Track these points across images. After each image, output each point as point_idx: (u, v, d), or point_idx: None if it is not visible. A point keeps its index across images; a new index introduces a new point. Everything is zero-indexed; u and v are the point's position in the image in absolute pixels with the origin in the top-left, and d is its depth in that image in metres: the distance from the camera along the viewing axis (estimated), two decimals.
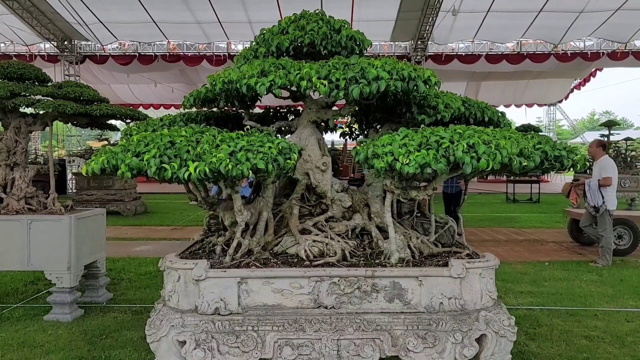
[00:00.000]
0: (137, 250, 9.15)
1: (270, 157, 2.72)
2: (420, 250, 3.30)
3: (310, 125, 3.63)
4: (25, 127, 5.88)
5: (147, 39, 19.86)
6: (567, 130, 46.42)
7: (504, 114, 3.85)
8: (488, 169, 2.65)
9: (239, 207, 3.06)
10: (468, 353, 2.89)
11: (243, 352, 2.86)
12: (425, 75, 3.06)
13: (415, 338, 2.87)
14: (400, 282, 2.93)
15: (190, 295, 2.96)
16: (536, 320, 5.33)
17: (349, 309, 2.92)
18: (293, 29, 3.55)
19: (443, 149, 2.66)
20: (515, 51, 20.14)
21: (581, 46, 19.93)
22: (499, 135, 2.76)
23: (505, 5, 16.90)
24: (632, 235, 8.77)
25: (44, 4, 17.34)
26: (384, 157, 2.70)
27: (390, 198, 3.14)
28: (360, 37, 3.69)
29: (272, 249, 3.32)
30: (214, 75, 3.29)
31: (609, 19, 17.81)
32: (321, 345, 2.86)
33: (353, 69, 2.98)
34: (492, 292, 3.02)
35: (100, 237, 6.09)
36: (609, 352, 4.59)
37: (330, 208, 3.59)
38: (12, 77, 5.83)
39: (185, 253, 3.37)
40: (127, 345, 4.62)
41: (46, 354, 4.47)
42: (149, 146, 2.73)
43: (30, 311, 5.68)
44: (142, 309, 5.69)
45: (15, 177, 5.70)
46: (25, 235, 5.36)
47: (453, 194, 8.92)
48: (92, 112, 5.89)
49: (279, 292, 2.92)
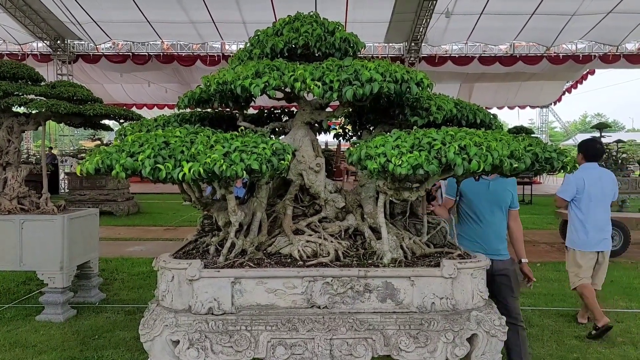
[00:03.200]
0: (130, 251, 9.14)
1: (264, 158, 2.74)
2: (413, 251, 3.32)
3: (304, 127, 3.65)
4: (18, 126, 5.86)
5: (140, 38, 19.81)
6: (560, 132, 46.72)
7: (496, 116, 3.89)
8: (479, 171, 2.67)
9: (232, 207, 3.07)
10: (459, 352, 2.91)
11: (236, 351, 2.87)
12: (418, 78, 3.08)
13: (407, 338, 2.89)
14: (393, 282, 2.95)
15: (184, 295, 2.97)
16: (528, 320, 5.37)
17: (342, 309, 2.94)
18: (287, 30, 3.57)
19: (435, 150, 2.68)
20: (508, 53, 20.29)
21: (573, 49, 20.10)
22: (490, 137, 2.79)
23: (499, 7, 17.02)
24: (622, 236, 8.86)
25: (37, 3, 17.26)
26: (377, 159, 2.72)
27: (383, 199, 3.16)
28: (354, 39, 3.71)
29: (266, 249, 3.34)
30: (209, 76, 3.30)
31: (601, 22, 17.97)
32: (314, 345, 2.88)
33: (347, 71, 3.00)
34: (483, 292, 3.05)
35: (93, 237, 6.08)
36: (599, 352, 4.64)
37: (324, 209, 3.61)
38: (5, 77, 5.81)
39: (179, 253, 3.37)
40: (119, 346, 4.63)
41: (38, 354, 4.46)
42: (143, 146, 2.74)
43: (23, 311, 5.66)
44: (135, 309, 5.69)
45: (7, 176, 5.68)
46: (17, 235, 5.35)
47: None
48: (86, 112, 5.88)
49: (272, 292, 2.94)
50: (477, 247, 3.86)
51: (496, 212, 3.92)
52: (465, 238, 3.98)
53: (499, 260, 3.86)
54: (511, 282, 3.90)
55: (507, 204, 3.97)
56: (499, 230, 3.94)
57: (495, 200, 3.91)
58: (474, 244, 3.89)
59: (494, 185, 3.90)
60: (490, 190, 3.89)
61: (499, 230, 3.94)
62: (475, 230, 3.94)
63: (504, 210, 3.96)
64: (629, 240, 8.88)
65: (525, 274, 3.99)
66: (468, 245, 3.84)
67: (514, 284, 3.92)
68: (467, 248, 3.78)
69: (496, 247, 3.88)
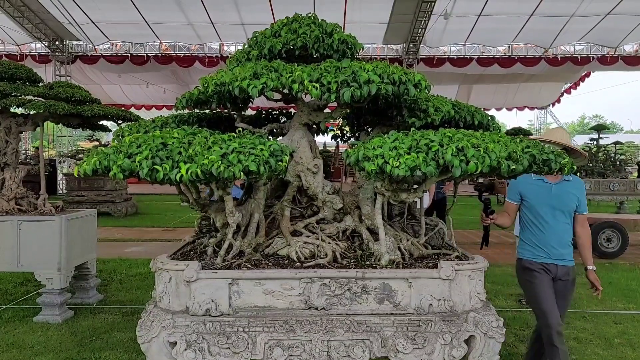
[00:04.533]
0: (128, 252, 9.12)
1: (262, 159, 2.74)
2: (411, 252, 3.32)
3: (302, 128, 3.65)
4: (15, 127, 5.85)
5: (139, 39, 19.82)
6: None
7: (494, 117, 3.89)
8: (477, 172, 2.68)
9: (230, 208, 3.07)
10: (457, 354, 2.91)
11: (234, 353, 2.87)
12: (416, 79, 3.09)
13: (405, 339, 2.89)
14: (390, 283, 2.95)
15: (182, 296, 2.97)
16: (525, 322, 5.38)
17: (339, 310, 2.94)
18: (285, 32, 3.57)
19: (433, 152, 2.68)
20: (507, 55, 20.34)
21: (571, 50, 20.16)
22: (488, 139, 2.79)
23: (497, 9, 17.06)
24: (620, 238, 8.87)
25: (35, 4, 17.25)
26: (375, 160, 2.73)
27: (380, 200, 3.16)
28: (352, 40, 3.71)
29: (264, 251, 3.34)
30: (207, 77, 3.30)
31: (599, 24, 18.02)
32: (311, 347, 2.88)
33: (345, 72, 3.00)
34: (481, 293, 3.06)
35: (91, 238, 6.07)
36: (597, 353, 4.64)
37: (322, 210, 3.61)
38: (3, 77, 5.81)
39: (177, 254, 3.37)
40: (117, 347, 4.62)
41: (36, 356, 4.45)
42: (141, 147, 2.74)
43: (20, 312, 5.65)
44: (132, 310, 5.67)
45: (5, 177, 5.67)
46: (15, 236, 5.33)
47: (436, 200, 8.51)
48: (84, 113, 5.88)
49: (270, 293, 2.94)
50: (540, 252, 3.71)
51: (559, 217, 3.69)
52: (526, 244, 3.81)
53: (563, 266, 3.68)
54: (568, 290, 3.74)
55: (572, 209, 3.71)
56: (561, 236, 3.70)
57: (558, 205, 3.68)
58: (535, 249, 3.72)
59: (557, 189, 3.68)
60: (553, 194, 3.67)
61: (562, 236, 3.71)
62: (537, 236, 3.73)
63: (567, 215, 3.71)
64: (627, 242, 8.89)
65: (592, 282, 3.78)
66: (530, 251, 3.74)
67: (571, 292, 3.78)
68: (529, 255, 3.73)
69: (559, 253, 3.69)
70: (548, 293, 3.62)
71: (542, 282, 3.66)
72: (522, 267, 3.80)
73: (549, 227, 3.69)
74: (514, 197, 3.86)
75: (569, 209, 3.71)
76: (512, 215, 3.90)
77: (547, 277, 3.67)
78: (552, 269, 3.67)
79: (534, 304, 3.71)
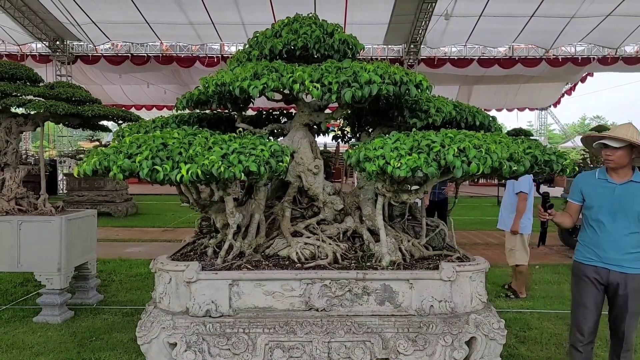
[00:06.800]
0: (128, 252, 9.11)
1: (262, 160, 2.73)
2: (411, 253, 3.32)
3: (302, 128, 3.64)
4: (16, 127, 5.85)
5: (139, 39, 19.81)
6: (558, 134, 46.73)
7: (495, 118, 3.88)
8: (478, 173, 2.67)
9: (230, 209, 3.06)
10: (458, 356, 2.90)
11: (234, 354, 2.86)
12: (417, 80, 3.08)
13: (406, 341, 2.88)
14: (391, 284, 2.94)
15: (182, 297, 2.96)
16: (526, 323, 5.36)
17: (340, 312, 2.93)
18: (286, 32, 3.57)
19: (434, 152, 2.68)
20: (507, 55, 20.32)
21: (572, 51, 20.14)
22: (489, 140, 2.79)
23: (498, 10, 17.04)
24: None
25: (36, 4, 17.25)
26: (376, 161, 2.72)
27: (381, 201, 3.16)
28: (353, 40, 3.70)
29: (264, 252, 3.33)
30: (207, 78, 3.29)
31: (600, 25, 18.01)
32: (312, 348, 2.87)
33: (345, 73, 2.99)
34: (482, 295, 3.05)
35: (91, 238, 6.06)
36: (597, 355, 4.63)
37: (322, 211, 3.60)
38: (3, 77, 5.81)
39: (177, 255, 3.36)
40: (117, 347, 4.61)
41: (35, 356, 4.44)
42: (141, 148, 2.73)
43: (20, 313, 5.64)
44: (132, 311, 5.66)
45: (5, 177, 5.66)
46: (15, 236, 5.32)
47: (438, 201, 8.47)
48: (84, 113, 5.87)
49: (270, 294, 2.93)
50: (590, 254, 3.50)
51: (620, 220, 3.39)
52: (580, 244, 3.60)
53: (619, 273, 3.39)
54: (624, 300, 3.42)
55: (638, 212, 3.37)
56: (619, 240, 3.40)
57: (620, 207, 3.38)
58: (586, 251, 3.53)
59: (621, 190, 3.39)
60: (616, 195, 3.39)
61: (620, 240, 3.40)
62: (592, 238, 3.50)
63: (631, 219, 3.37)
64: None
65: None
66: (581, 252, 3.57)
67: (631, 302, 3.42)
68: (579, 256, 3.58)
69: (613, 258, 3.41)
70: (585, 305, 3.48)
71: (584, 292, 3.51)
72: (573, 268, 3.66)
73: (605, 229, 3.44)
74: (575, 197, 3.63)
75: (633, 213, 3.38)
76: (574, 215, 3.67)
77: (592, 288, 3.48)
78: (602, 273, 3.44)
79: (571, 311, 3.63)
